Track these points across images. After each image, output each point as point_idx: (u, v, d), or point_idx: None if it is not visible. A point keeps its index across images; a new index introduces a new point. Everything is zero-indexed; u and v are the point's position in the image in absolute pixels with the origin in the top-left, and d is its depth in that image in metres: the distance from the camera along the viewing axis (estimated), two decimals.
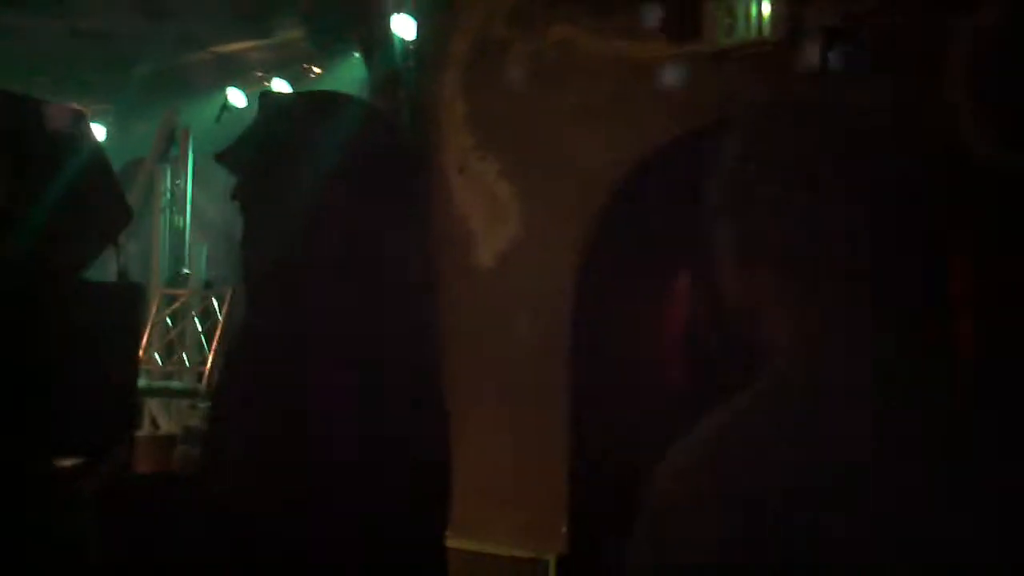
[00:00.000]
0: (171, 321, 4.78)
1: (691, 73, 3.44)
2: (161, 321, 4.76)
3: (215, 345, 4.42)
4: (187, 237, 5.28)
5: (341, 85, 4.68)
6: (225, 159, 1.62)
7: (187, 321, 4.75)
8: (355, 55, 4.98)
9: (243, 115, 5.15)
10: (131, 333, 2.66)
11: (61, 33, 5.68)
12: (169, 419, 4.60)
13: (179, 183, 5.35)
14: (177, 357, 4.71)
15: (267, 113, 1.67)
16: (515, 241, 3.94)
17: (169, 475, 3.38)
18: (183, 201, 5.33)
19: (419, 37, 4.46)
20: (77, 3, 5.44)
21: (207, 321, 4.67)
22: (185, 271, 5.25)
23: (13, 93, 2.38)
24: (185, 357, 4.66)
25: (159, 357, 4.69)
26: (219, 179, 1.73)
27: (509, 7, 4.13)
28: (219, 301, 4.65)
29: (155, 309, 4.77)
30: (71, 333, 2.13)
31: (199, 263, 5.26)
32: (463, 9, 4.34)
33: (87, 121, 2.52)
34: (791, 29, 3.05)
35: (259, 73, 5.61)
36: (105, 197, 2.49)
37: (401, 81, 4.48)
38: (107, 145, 5.19)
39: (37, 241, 2.17)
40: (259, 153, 1.59)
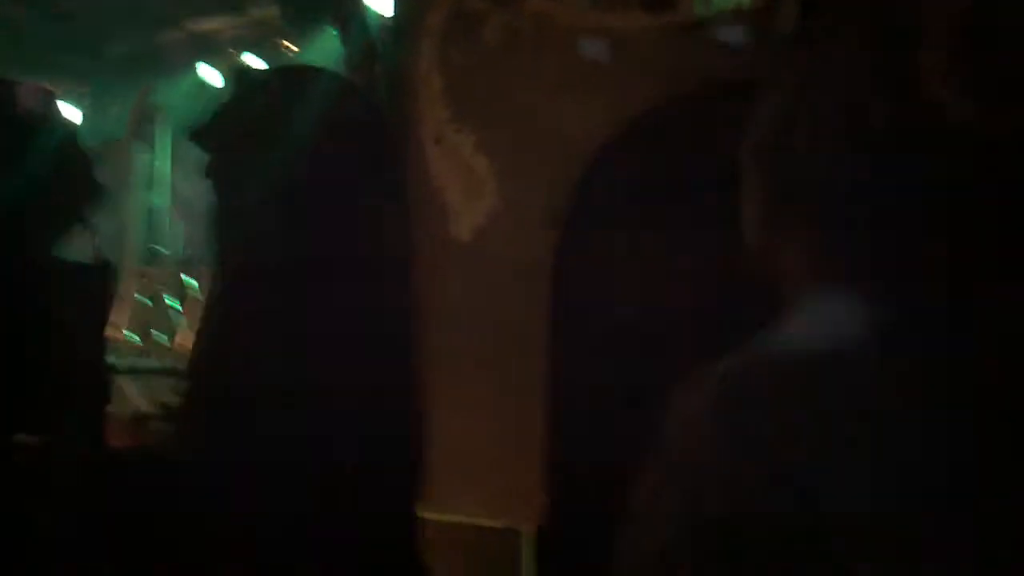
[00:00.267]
0: (145, 300, 4.77)
1: (668, 43, 3.43)
2: (135, 300, 4.75)
3: (190, 323, 4.41)
4: (163, 216, 5.27)
5: (316, 61, 4.65)
6: (198, 136, 1.60)
7: (159, 299, 4.74)
8: (330, 30, 4.95)
9: (219, 93, 5.12)
10: (103, 311, 2.66)
11: (33, 15, 5.62)
12: (143, 397, 4.58)
13: (155, 162, 5.32)
14: (152, 336, 4.70)
15: (241, 88, 1.65)
16: (492, 214, 3.92)
17: (142, 452, 3.36)
18: (158, 180, 5.30)
19: (394, 10, 4.43)
20: None
21: (182, 300, 4.65)
22: (161, 250, 5.23)
23: None
24: (159, 335, 4.65)
25: (134, 335, 4.68)
26: (195, 157, 1.71)
27: None
28: (195, 280, 4.64)
29: (130, 288, 4.76)
30: (41, 311, 2.12)
31: (175, 242, 5.25)
32: None
33: (56, 100, 2.50)
34: None
35: (233, 51, 5.57)
36: (76, 175, 2.48)
37: (377, 55, 4.45)
38: (82, 125, 5.16)
39: (6, 220, 2.16)
40: (232, 129, 1.58)
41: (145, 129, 5.31)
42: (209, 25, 5.79)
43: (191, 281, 4.64)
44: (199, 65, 5.32)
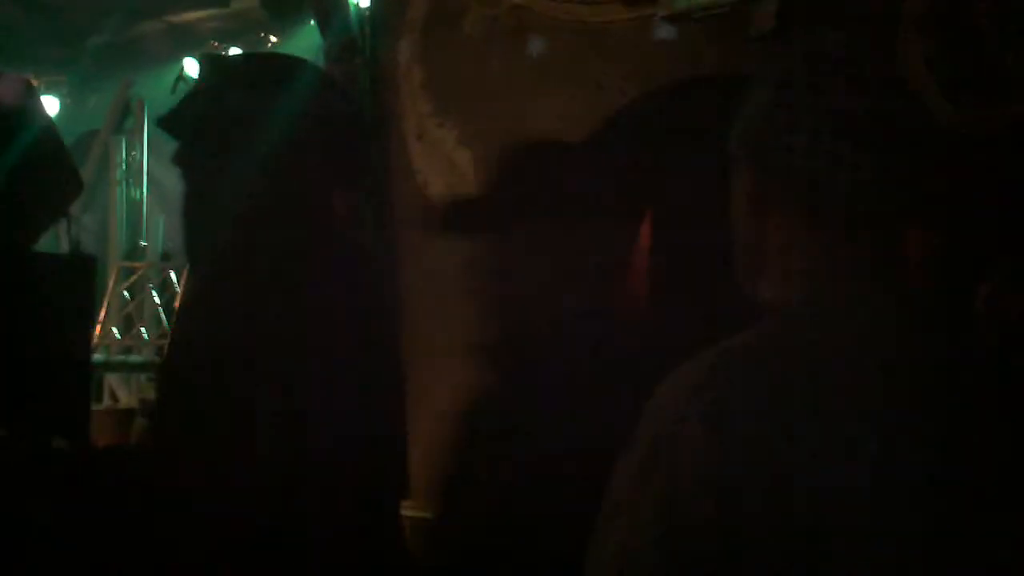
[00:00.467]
0: (128, 294, 4.74)
1: (647, 36, 3.40)
2: (118, 294, 4.72)
3: (173, 318, 4.40)
4: (144, 209, 5.23)
5: (297, 53, 4.62)
6: (166, 123, 1.57)
7: (145, 294, 4.71)
8: (311, 22, 4.92)
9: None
10: (84, 306, 2.63)
11: (13, 6, 5.58)
12: (128, 393, 4.56)
13: (135, 155, 5.28)
14: (135, 331, 4.67)
15: (210, 76, 1.62)
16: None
17: (127, 449, 3.36)
18: (139, 173, 5.27)
19: (375, 3, 4.39)
20: None
21: (165, 294, 4.63)
22: (142, 243, 5.20)
23: None
24: (143, 330, 4.63)
25: (117, 331, 4.66)
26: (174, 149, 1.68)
27: None
28: (177, 273, 4.62)
29: (112, 282, 4.73)
30: (22, 306, 2.10)
31: (156, 235, 5.22)
32: None
33: (35, 91, 2.48)
34: None
35: (214, 43, 5.53)
36: (54, 168, 2.45)
37: (357, 48, 4.42)
38: (62, 117, 5.12)
39: None
40: (201, 117, 1.55)
41: (126, 121, 5.28)
42: (190, 16, 5.76)
43: (173, 275, 4.62)
44: (185, 59, 5.28)
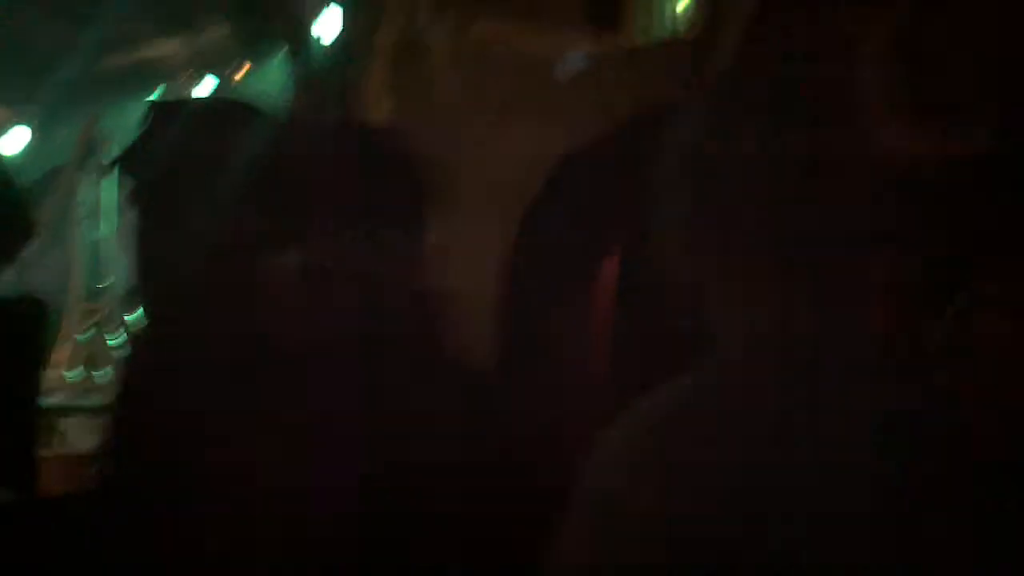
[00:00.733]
0: (87, 336, 4.70)
1: (612, 68, 3.46)
2: (78, 336, 4.68)
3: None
4: (108, 249, 5.19)
5: (269, 82, 4.68)
6: (119, 163, 1.64)
7: (104, 336, 4.67)
8: (281, 52, 4.91)
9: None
10: (34, 350, 2.62)
11: None
12: (84, 436, 4.50)
13: (100, 192, 5.24)
14: (94, 373, 4.61)
15: (155, 121, 1.67)
16: (444, 240, 3.87)
17: (81, 496, 3.28)
18: (104, 211, 5.22)
19: (344, 33, 4.43)
20: None
21: (126, 334, 4.58)
22: (104, 284, 5.15)
23: None
24: (102, 374, 4.57)
25: (75, 373, 4.60)
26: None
27: (433, 3, 4.13)
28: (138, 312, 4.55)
29: (72, 323, 4.69)
30: None
31: (119, 275, 5.17)
32: (388, 5, 4.31)
33: None
34: (709, 24, 3.07)
35: (185, 73, 5.53)
36: (4, 212, 2.46)
37: (327, 78, 4.45)
38: (27, 152, 5.08)
39: None
40: (150, 160, 1.60)
41: (92, 157, 5.24)
42: (161, 48, 5.74)
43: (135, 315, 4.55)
44: (154, 94, 5.30)
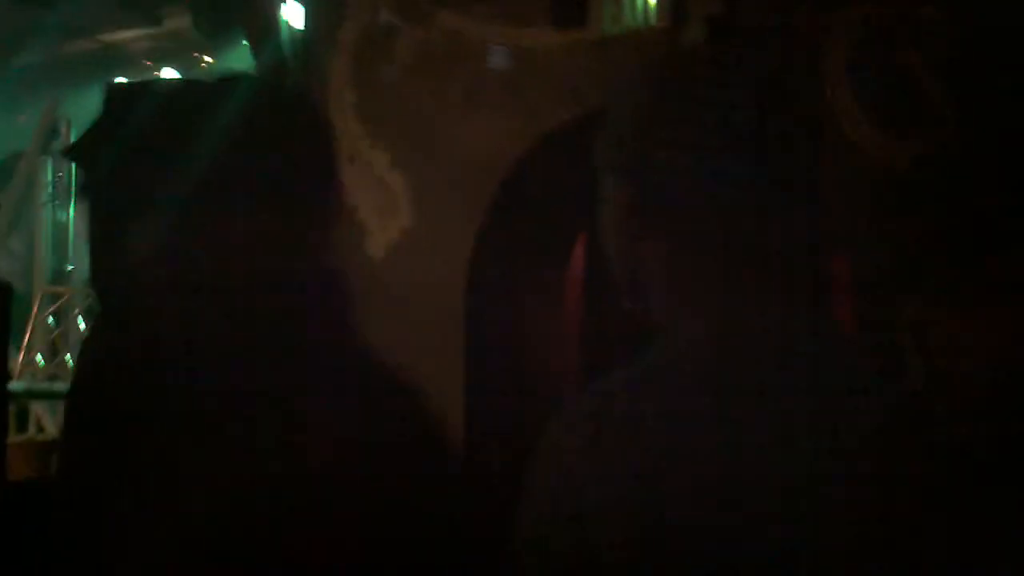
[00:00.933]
0: (53, 320, 4.63)
1: (578, 60, 3.43)
2: (43, 320, 4.61)
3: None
4: (71, 232, 5.12)
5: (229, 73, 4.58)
6: (71, 153, 1.57)
7: (70, 320, 4.60)
8: (243, 43, 4.87)
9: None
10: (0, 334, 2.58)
11: None
12: (53, 422, 4.46)
13: (62, 176, 5.18)
14: (60, 358, 4.56)
15: (113, 105, 1.61)
16: (406, 232, 3.89)
17: (46, 481, 3.27)
18: (66, 195, 5.16)
19: (307, 24, 4.37)
20: None
21: (91, 319, 4.54)
22: (69, 267, 5.09)
23: None
24: (68, 358, 4.52)
25: (41, 358, 4.54)
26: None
27: None
28: None
29: (37, 308, 4.62)
30: None
31: (83, 259, 5.11)
32: None
33: None
34: (675, 17, 3.07)
35: (147, 62, 5.47)
36: None
37: (289, 69, 4.39)
38: None
39: None
40: (105, 148, 1.54)
41: (53, 142, 5.18)
42: (122, 36, 5.69)
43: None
44: (116, 79, 5.23)
